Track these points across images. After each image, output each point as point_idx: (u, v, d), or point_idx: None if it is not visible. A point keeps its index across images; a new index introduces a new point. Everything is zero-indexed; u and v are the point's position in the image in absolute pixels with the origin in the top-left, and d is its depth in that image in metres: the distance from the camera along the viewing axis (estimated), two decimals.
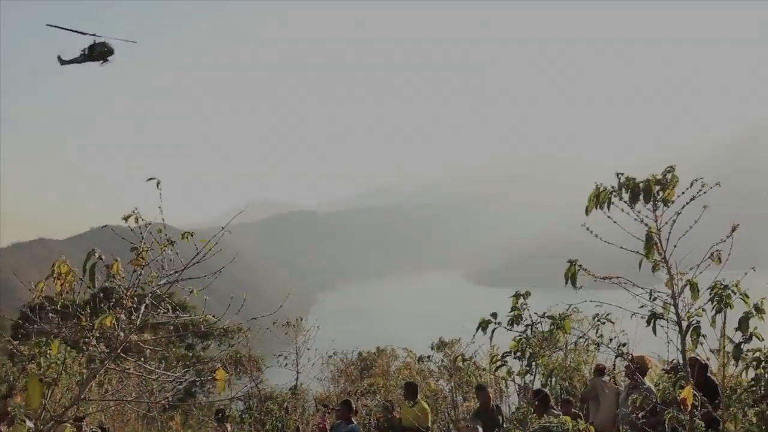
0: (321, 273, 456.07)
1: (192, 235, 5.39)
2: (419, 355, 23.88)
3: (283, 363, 23.65)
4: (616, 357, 9.61)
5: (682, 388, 6.15)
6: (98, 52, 56.52)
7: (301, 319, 24.95)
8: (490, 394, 14.08)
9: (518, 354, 8.70)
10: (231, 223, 6.45)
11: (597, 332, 8.84)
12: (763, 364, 6.02)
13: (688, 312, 6.26)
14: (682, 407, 6.10)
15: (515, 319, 8.55)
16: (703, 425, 6.52)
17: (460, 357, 9.63)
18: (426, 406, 14.76)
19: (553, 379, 15.10)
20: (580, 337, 9.17)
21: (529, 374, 8.90)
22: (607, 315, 8.64)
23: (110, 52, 56.61)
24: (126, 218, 5.06)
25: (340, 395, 24.99)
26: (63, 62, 57.45)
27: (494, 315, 8.44)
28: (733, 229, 6.32)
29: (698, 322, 6.15)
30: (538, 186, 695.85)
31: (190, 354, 39.75)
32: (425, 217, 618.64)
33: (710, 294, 6.19)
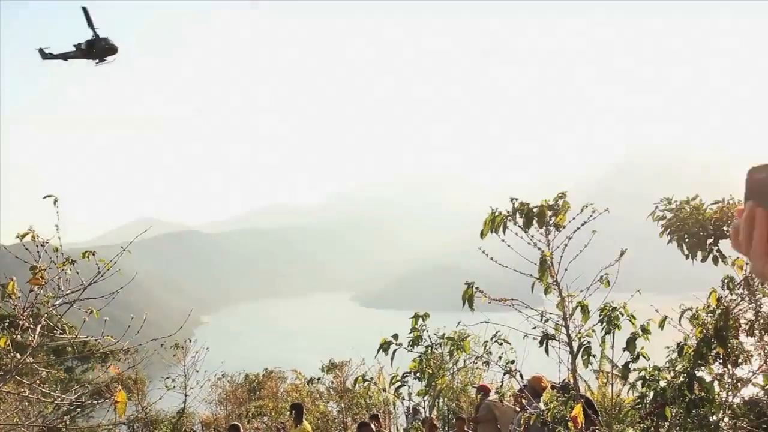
0: (207, 294, 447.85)
1: (93, 254, 5.25)
2: (309, 377, 23.80)
3: (171, 385, 23.09)
4: (504, 374, 9.82)
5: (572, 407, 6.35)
6: (99, 49, 51.07)
7: (190, 341, 24.47)
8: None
9: (418, 374, 8.79)
10: (113, 242, 6.31)
11: (485, 350, 9.04)
12: (648, 382, 6.28)
13: (579, 333, 6.48)
14: (572, 425, 6.30)
15: (415, 340, 8.66)
16: None
17: (360, 378, 9.63)
18: (308, 428, 14.68)
19: (441, 400, 15.30)
20: (477, 358, 9.32)
21: (428, 395, 9.01)
22: (498, 333, 8.85)
23: (113, 50, 51.37)
24: (22, 237, 4.89)
25: (228, 418, 24.58)
26: (46, 56, 51.91)
27: (395, 336, 8.51)
28: (621, 254, 6.60)
29: (588, 342, 6.38)
30: (425, 208, 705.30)
31: (69, 377, 38.31)
32: (313, 238, 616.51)
33: (600, 315, 6.44)
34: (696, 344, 6.28)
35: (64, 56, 52.01)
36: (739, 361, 7.71)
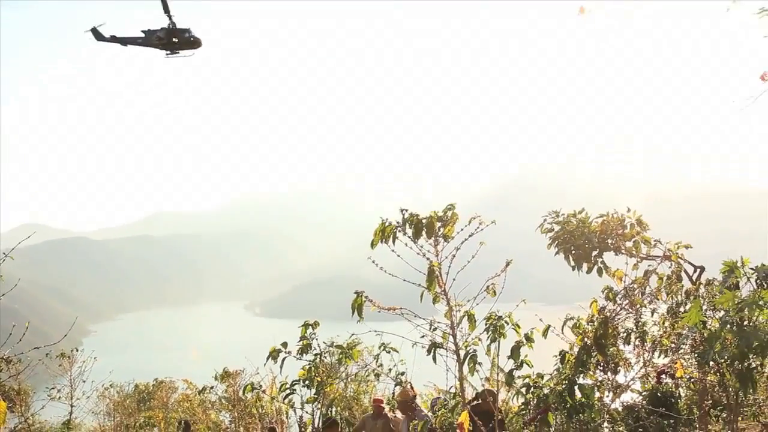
0: (96, 303, 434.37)
1: None
2: (201, 387, 23.42)
3: (56, 396, 22.32)
4: (395, 385, 9.93)
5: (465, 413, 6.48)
6: (182, 40, 43.39)
7: (77, 350, 23.71)
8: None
9: (307, 382, 8.80)
10: None
11: (377, 361, 9.13)
12: (531, 389, 6.46)
13: (466, 341, 6.62)
14: (460, 430, 6.43)
15: (304, 349, 8.67)
16: None
17: (249, 386, 9.57)
18: None
19: (334, 409, 15.33)
20: (365, 367, 9.40)
21: (316, 402, 9.03)
22: (388, 343, 8.94)
23: (197, 43, 43.85)
24: None
25: (116, 429, 23.96)
26: (100, 37, 44.32)
27: (284, 344, 8.50)
28: (507, 264, 6.78)
29: (475, 350, 6.52)
30: (320, 218, 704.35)
31: None
32: (206, 246, 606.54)
33: (486, 324, 6.59)
34: (577, 352, 6.50)
35: (124, 41, 44.61)
36: (619, 368, 8.03)
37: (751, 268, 8.80)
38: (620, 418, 7.86)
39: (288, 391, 9.09)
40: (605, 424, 7.26)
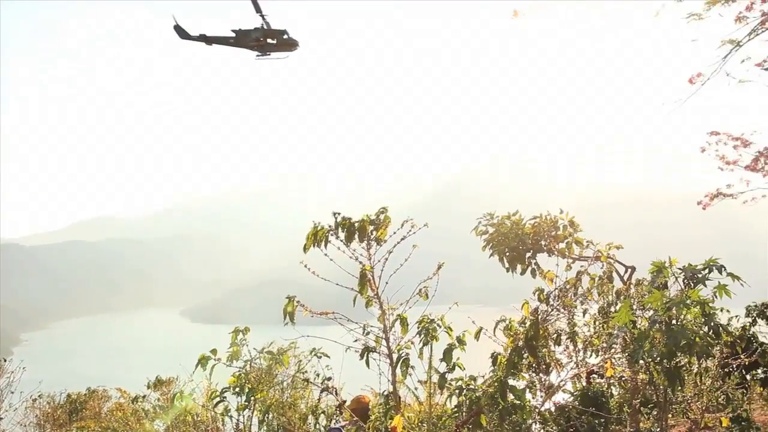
0: (27, 311, 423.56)
1: None
2: (134, 395, 22.99)
3: None
4: (321, 391, 9.88)
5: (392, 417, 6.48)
6: (280, 42, 39.37)
7: (5, 360, 23.09)
8: None
9: (237, 390, 8.71)
10: None
11: (300, 367, 9.10)
12: (464, 391, 6.49)
13: (398, 345, 6.62)
14: None
15: (234, 355, 8.57)
16: None
17: (178, 394, 9.44)
18: None
19: (270, 415, 15.19)
20: (297, 372, 9.34)
21: (247, 410, 8.94)
22: (320, 349, 8.90)
23: (294, 45, 39.97)
24: None
25: None
26: (185, 35, 40.61)
27: (214, 351, 8.39)
28: (439, 267, 6.80)
29: (407, 354, 6.53)
30: (259, 223, 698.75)
31: None
32: (143, 252, 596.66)
33: (418, 328, 6.60)
34: (509, 354, 6.55)
35: (211, 40, 40.83)
36: (550, 369, 8.11)
37: (679, 268, 9.00)
38: (552, 419, 7.95)
39: (218, 399, 8.98)
40: (537, 424, 7.32)
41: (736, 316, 12.12)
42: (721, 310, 9.38)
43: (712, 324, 8.31)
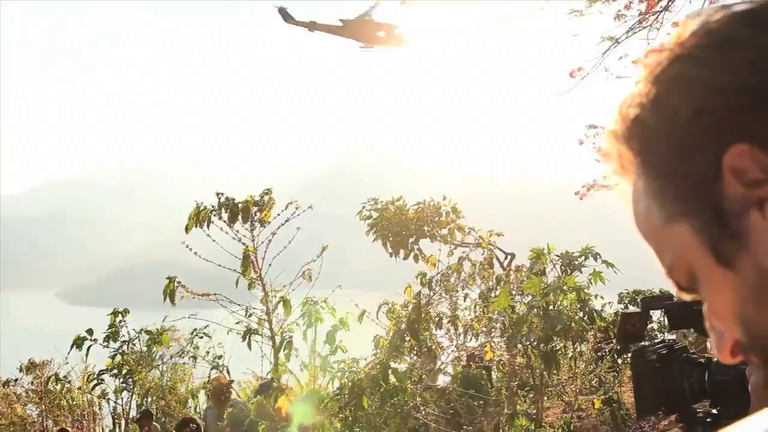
0: None
1: None
2: (5, 379, 22.13)
3: None
4: (211, 369, 9.75)
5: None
6: (390, 36, 35.39)
7: None
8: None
9: (115, 371, 8.50)
10: None
11: (192, 344, 8.97)
12: (346, 374, 6.50)
13: (282, 327, 6.58)
14: (278, 417, 6.40)
15: (112, 336, 8.36)
16: None
17: (53, 378, 9.13)
18: None
19: (150, 398, 14.91)
20: (178, 353, 9.18)
21: (126, 391, 8.75)
22: (206, 327, 8.76)
23: (404, 40, 36.24)
24: None
25: None
26: (288, 19, 36.33)
27: (90, 332, 8.16)
28: (323, 250, 6.79)
29: (291, 336, 6.50)
30: (142, 200, 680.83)
31: None
32: (14, 232, 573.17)
33: (302, 310, 6.58)
34: (391, 337, 6.60)
35: (315, 26, 36.29)
36: (432, 352, 8.23)
37: (557, 255, 9.29)
38: (433, 401, 8.06)
39: (95, 382, 8.75)
40: (418, 407, 7.41)
41: (609, 303, 12.57)
42: (595, 297, 9.71)
43: (587, 309, 8.62)
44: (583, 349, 10.33)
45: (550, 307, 8.61)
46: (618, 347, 10.70)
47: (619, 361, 11.67)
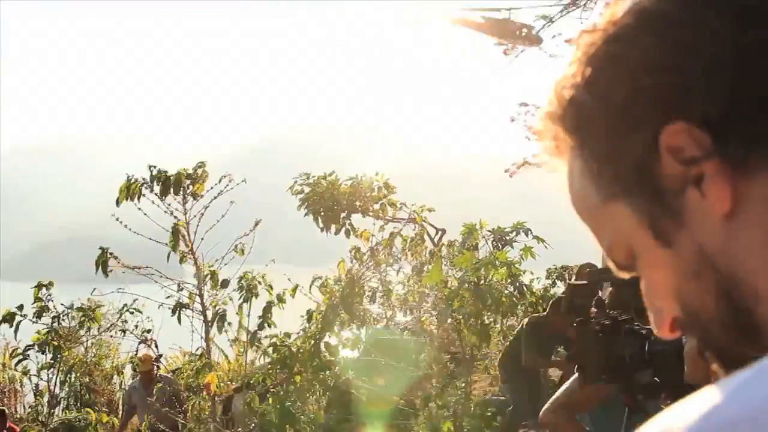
0: None
1: None
2: None
3: None
4: (139, 343, 9.62)
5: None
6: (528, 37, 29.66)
7: None
8: None
9: (43, 348, 8.30)
10: None
11: (121, 318, 8.84)
12: (278, 348, 6.47)
13: (214, 301, 6.52)
14: (206, 392, 6.36)
15: (41, 311, 8.16)
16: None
17: None
18: None
19: (73, 375, 14.63)
20: (108, 329, 9.02)
21: (52, 368, 8.57)
22: (135, 302, 8.63)
23: (536, 41, 30.58)
24: None
25: None
26: None
27: (20, 307, 7.94)
28: (256, 224, 6.74)
29: (225, 311, 6.44)
30: (65, 178, 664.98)
31: None
32: None
33: (238, 284, 6.52)
34: (324, 311, 6.60)
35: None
36: (365, 326, 8.26)
37: (488, 231, 9.40)
38: (365, 374, 8.10)
39: (20, 357, 8.53)
40: (350, 380, 7.45)
41: (537, 278, 12.80)
42: (524, 273, 9.84)
43: (517, 284, 8.74)
44: (513, 323, 10.47)
45: (482, 281, 8.69)
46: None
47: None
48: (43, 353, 8.38)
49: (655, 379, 3.75)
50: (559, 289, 14.55)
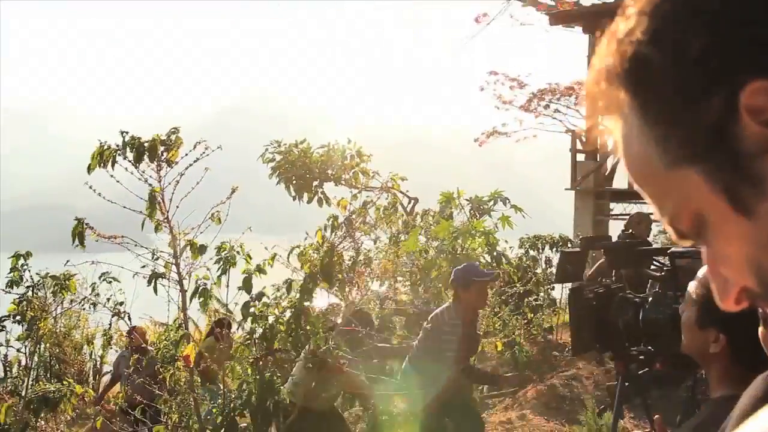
0: None
1: None
2: None
3: None
4: (112, 316, 9.49)
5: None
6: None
7: None
8: None
9: (18, 318, 8.17)
10: None
11: (94, 291, 8.72)
12: (257, 318, 6.37)
13: (195, 275, 6.41)
14: (185, 363, 6.26)
15: (15, 281, 8.04)
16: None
17: None
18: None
19: (42, 346, 14.51)
20: (82, 300, 8.86)
21: (29, 339, 8.45)
22: (106, 273, 8.49)
23: None
24: None
25: None
26: None
27: None
28: (233, 191, 6.61)
29: (206, 284, 6.33)
30: (26, 142, 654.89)
31: None
32: None
33: (216, 254, 6.40)
34: (303, 280, 6.51)
35: None
36: (343, 294, 8.20)
37: (466, 199, 9.38)
38: (337, 345, 8.04)
39: None
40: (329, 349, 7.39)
41: (511, 247, 12.82)
42: (500, 242, 9.85)
43: (494, 253, 8.74)
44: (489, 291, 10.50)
45: (459, 250, 8.68)
46: (521, 291, 10.93)
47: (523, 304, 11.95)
48: (19, 324, 8.25)
49: (649, 348, 3.74)
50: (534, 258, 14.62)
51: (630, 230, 8.49)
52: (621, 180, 17.44)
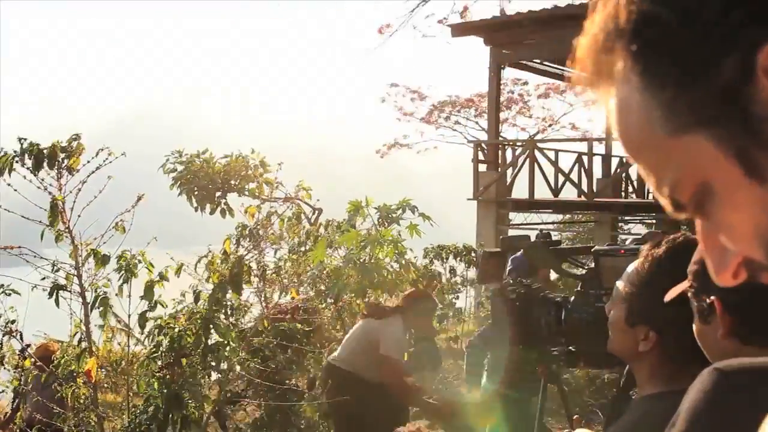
0: None
1: None
2: None
3: None
4: (4, 335, 9.06)
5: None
6: None
7: None
8: None
9: None
10: None
11: None
12: (163, 330, 6.19)
13: (93, 282, 6.17)
14: (87, 378, 6.04)
15: None
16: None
17: None
18: None
19: None
20: None
21: None
22: (9, 286, 8.13)
23: None
24: None
25: None
26: None
27: None
28: (138, 200, 6.43)
29: (105, 292, 6.10)
30: None
31: None
32: None
33: (117, 264, 6.19)
34: (212, 290, 6.37)
35: None
36: (252, 306, 8.07)
37: (375, 208, 9.38)
38: (249, 361, 7.90)
39: None
40: (236, 366, 7.25)
41: (416, 257, 12.92)
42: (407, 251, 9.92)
43: (402, 262, 8.76)
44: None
45: (366, 259, 8.67)
46: None
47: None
48: None
49: (571, 347, 3.75)
50: (437, 267, 14.77)
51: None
52: (522, 190, 17.78)
